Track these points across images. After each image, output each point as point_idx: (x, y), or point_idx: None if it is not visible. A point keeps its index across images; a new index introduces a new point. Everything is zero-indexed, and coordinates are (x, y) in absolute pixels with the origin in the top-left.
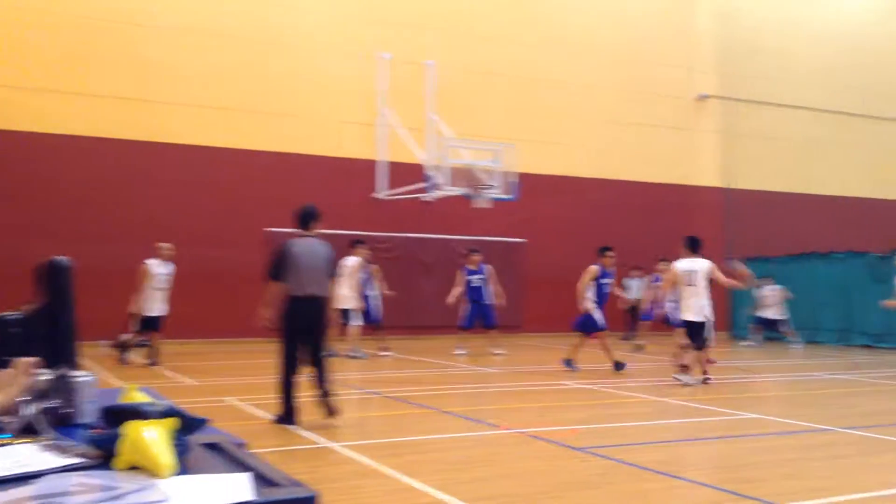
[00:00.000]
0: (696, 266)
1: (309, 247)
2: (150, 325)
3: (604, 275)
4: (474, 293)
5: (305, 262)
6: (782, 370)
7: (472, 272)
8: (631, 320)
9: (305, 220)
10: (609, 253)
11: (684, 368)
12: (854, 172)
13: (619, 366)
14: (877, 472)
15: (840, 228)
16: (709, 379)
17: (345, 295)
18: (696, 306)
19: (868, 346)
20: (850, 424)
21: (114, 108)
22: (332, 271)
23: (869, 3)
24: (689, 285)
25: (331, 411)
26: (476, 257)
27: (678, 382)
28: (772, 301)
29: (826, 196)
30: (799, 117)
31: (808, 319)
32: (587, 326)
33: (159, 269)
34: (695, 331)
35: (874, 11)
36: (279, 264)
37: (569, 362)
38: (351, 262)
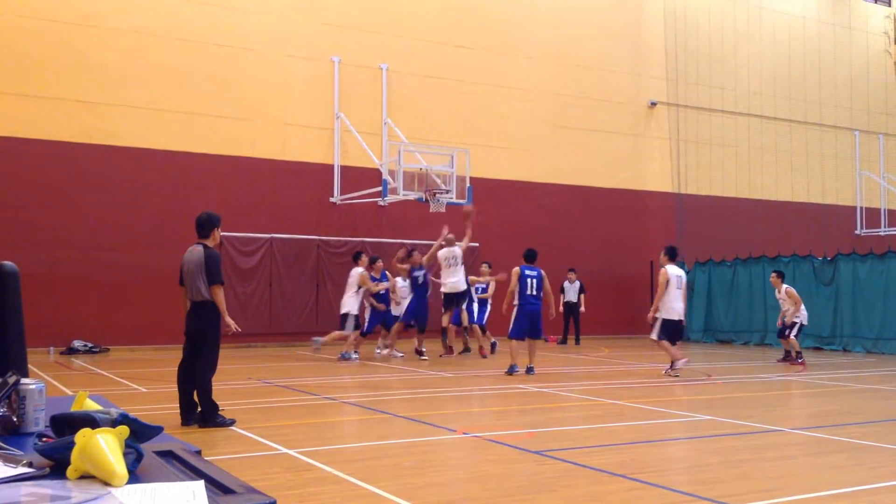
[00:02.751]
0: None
1: (188, 255)
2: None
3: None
4: None
5: (186, 269)
6: (731, 372)
7: (373, 279)
8: (566, 322)
9: (197, 227)
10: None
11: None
12: (801, 178)
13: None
14: (826, 472)
15: (788, 233)
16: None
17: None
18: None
19: (817, 349)
20: (798, 425)
21: (56, 110)
22: (208, 277)
23: (815, 14)
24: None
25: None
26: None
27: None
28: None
29: (774, 201)
30: (747, 124)
31: (757, 322)
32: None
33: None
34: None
35: (820, 22)
36: (180, 273)
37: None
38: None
